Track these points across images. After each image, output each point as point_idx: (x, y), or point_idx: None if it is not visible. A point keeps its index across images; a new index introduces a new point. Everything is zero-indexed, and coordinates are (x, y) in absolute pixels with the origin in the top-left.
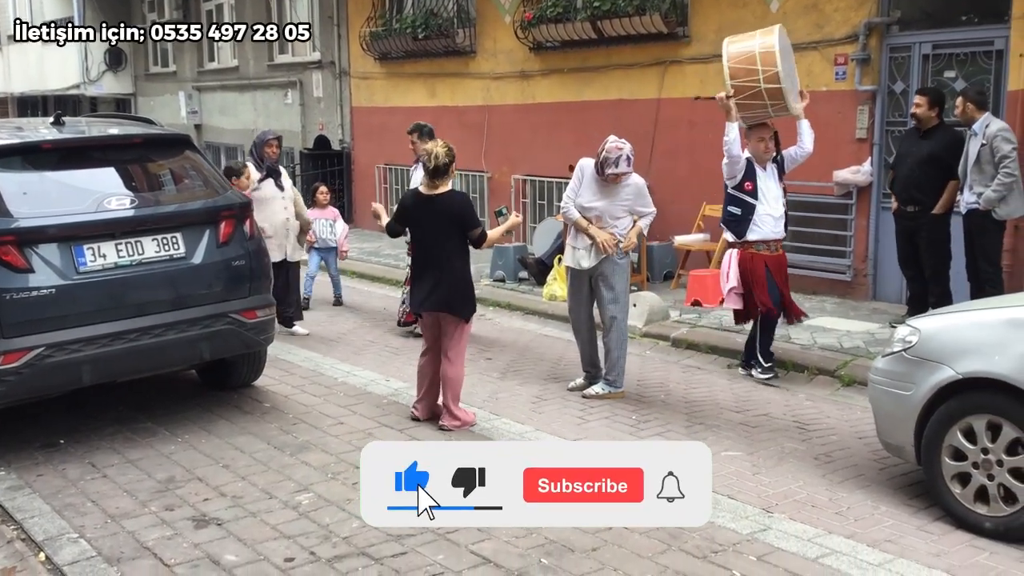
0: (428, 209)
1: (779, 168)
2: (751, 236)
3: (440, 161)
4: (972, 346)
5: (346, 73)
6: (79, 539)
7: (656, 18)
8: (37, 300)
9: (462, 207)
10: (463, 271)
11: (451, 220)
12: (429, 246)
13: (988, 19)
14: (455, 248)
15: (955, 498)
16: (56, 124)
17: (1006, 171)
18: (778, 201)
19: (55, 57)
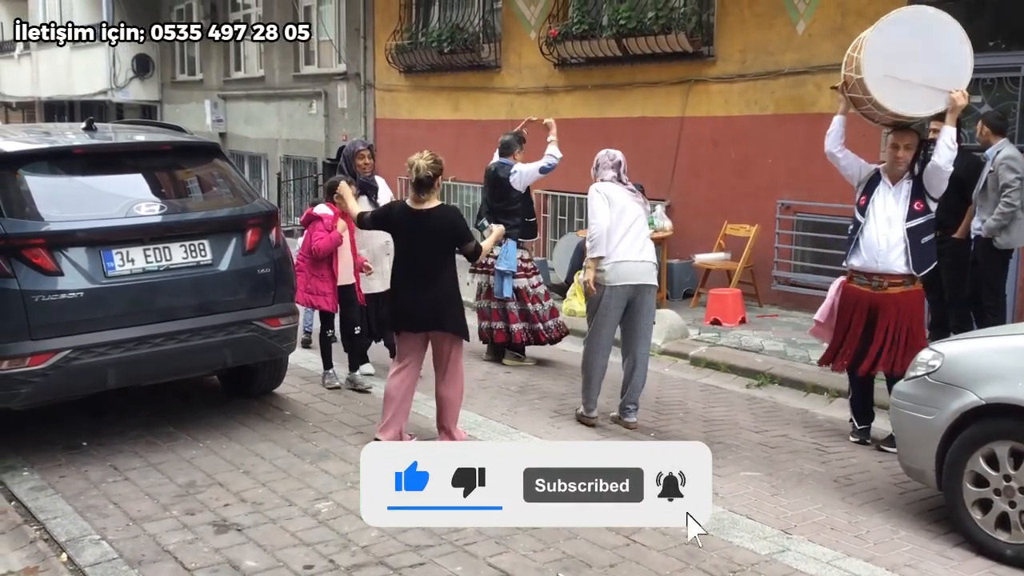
0: (418, 224)
1: (916, 186)
2: (851, 262)
3: (422, 174)
4: (996, 372)
5: (371, 85)
6: (101, 541)
7: (682, 37)
8: (65, 303)
9: (456, 222)
10: (455, 288)
11: (445, 236)
12: (418, 261)
13: (1015, 45)
14: (446, 264)
15: (976, 524)
16: (88, 129)
17: (1006, 200)
18: (893, 225)
19: (83, 63)
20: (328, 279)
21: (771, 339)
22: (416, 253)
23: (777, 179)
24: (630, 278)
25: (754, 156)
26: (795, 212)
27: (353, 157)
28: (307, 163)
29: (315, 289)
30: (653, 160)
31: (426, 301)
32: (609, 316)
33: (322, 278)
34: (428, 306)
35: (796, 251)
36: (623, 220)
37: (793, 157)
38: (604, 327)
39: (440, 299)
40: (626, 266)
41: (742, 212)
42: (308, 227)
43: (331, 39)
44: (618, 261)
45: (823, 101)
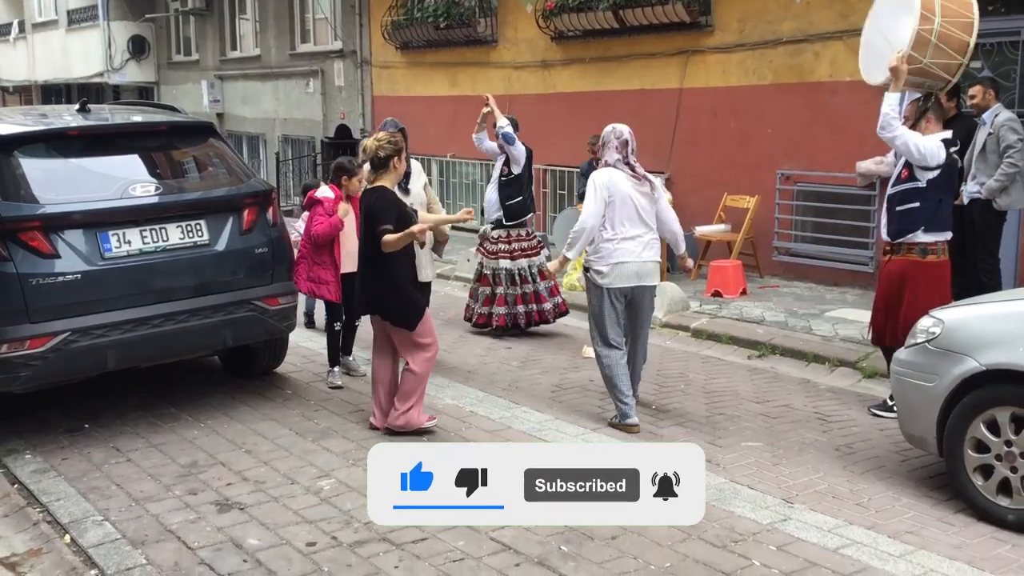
0: (362, 204)
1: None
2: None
3: (375, 155)
4: (996, 338)
5: (367, 62)
6: (104, 522)
7: (679, 7)
8: (63, 285)
9: (370, 205)
10: (392, 273)
11: (367, 216)
12: (360, 243)
13: (1014, 9)
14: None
15: (977, 490)
16: (82, 111)
17: (1009, 161)
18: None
19: (79, 45)
20: (330, 266)
21: (772, 310)
22: (361, 234)
23: (777, 149)
24: (629, 280)
25: (753, 126)
26: (795, 182)
27: None
28: (305, 142)
29: (317, 277)
30: (652, 132)
31: (364, 284)
32: (610, 317)
33: (324, 265)
34: (366, 290)
35: (796, 221)
36: (622, 214)
37: (793, 127)
38: (608, 328)
39: (375, 284)
40: (625, 267)
41: (742, 183)
42: (310, 211)
43: (327, 16)
44: (617, 262)
45: (822, 69)
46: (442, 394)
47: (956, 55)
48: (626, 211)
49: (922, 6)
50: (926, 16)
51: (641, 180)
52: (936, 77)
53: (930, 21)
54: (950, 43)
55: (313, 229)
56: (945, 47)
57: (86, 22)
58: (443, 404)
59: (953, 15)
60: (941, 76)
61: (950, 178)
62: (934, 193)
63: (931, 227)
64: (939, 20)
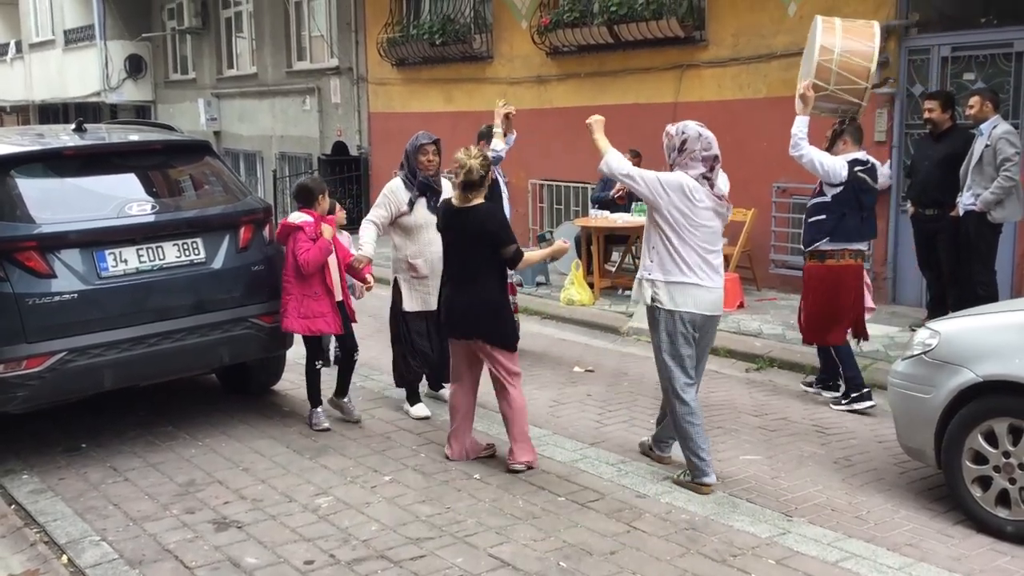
0: (458, 222)
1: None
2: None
3: (475, 176)
4: (993, 349)
5: (364, 79)
6: (101, 542)
7: (673, 22)
8: (59, 305)
9: (487, 222)
10: (495, 293)
11: (480, 237)
12: (456, 263)
13: (1007, 20)
14: (486, 266)
15: (976, 502)
16: (78, 131)
17: (1006, 174)
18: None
19: (76, 65)
20: (323, 296)
21: (769, 323)
22: (454, 254)
23: (772, 162)
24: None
25: (748, 140)
26: (791, 195)
27: (416, 153)
28: (302, 159)
29: (310, 311)
30: (647, 147)
31: (463, 306)
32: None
33: (316, 297)
34: (464, 312)
35: (793, 234)
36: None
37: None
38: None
39: (476, 305)
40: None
41: (738, 196)
42: (287, 241)
43: (323, 34)
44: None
45: None
46: (441, 410)
47: (859, 80)
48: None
49: (822, 40)
50: (826, 48)
51: (720, 200)
52: (845, 101)
53: (830, 52)
54: (852, 70)
55: (300, 257)
56: (847, 74)
57: (83, 42)
58: (440, 421)
59: (854, 45)
60: (850, 100)
61: (854, 194)
62: (838, 207)
63: (836, 237)
64: (839, 51)
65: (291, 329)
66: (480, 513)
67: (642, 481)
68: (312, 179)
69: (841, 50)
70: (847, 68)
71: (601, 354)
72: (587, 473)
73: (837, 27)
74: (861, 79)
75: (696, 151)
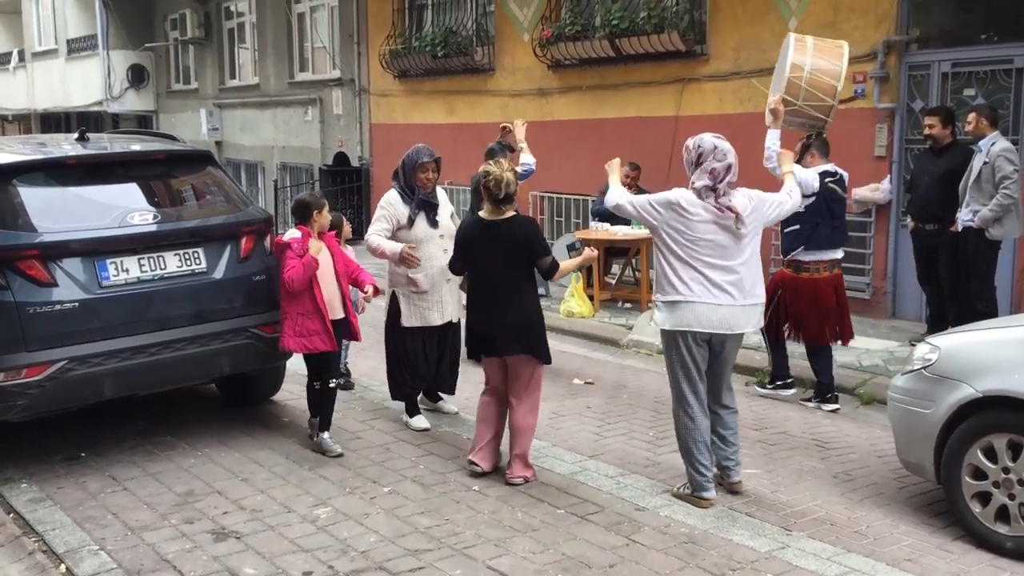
0: (493, 237)
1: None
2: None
3: (512, 189)
4: (992, 364)
5: (365, 91)
6: (99, 551)
7: (674, 36)
8: (60, 314)
9: (532, 234)
10: (536, 306)
11: (520, 248)
12: (494, 278)
13: (1008, 37)
14: (525, 280)
15: (975, 517)
16: (80, 140)
17: (1005, 192)
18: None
19: (78, 74)
20: (315, 314)
21: None
22: (488, 268)
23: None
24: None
25: (749, 153)
26: None
27: (414, 170)
28: (303, 170)
29: (305, 330)
30: (648, 160)
31: (504, 322)
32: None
33: (309, 314)
34: (506, 328)
35: None
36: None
37: None
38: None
39: (519, 320)
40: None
41: None
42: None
43: (325, 45)
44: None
45: None
46: (440, 421)
47: (826, 97)
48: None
49: (793, 57)
50: (797, 66)
51: (724, 211)
52: (812, 117)
53: (800, 70)
54: (820, 87)
55: (285, 274)
56: (815, 91)
57: (86, 51)
58: (440, 432)
59: (823, 63)
60: (817, 116)
61: (826, 204)
62: (811, 217)
63: (810, 246)
64: (809, 68)
65: (288, 348)
66: (479, 525)
67: (641, 494)
68: (311, 194)
69: (811, 68)
70: (815, 85)
71: (601, 366)
72: (586, 485)
73: (808, 45)
74: (828, 96)
75: (709, 162)
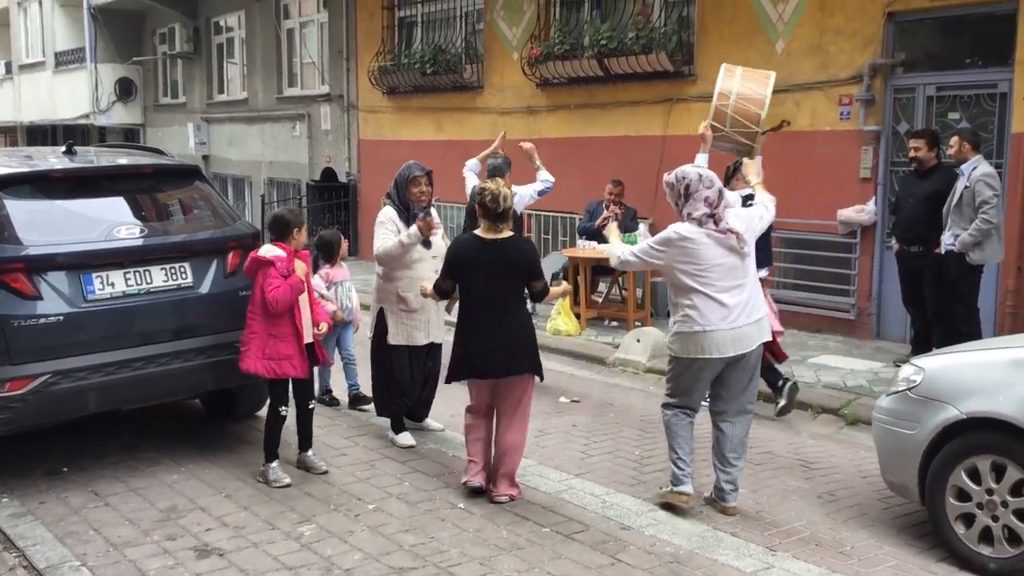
0: (492, 255)
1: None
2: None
3: (510, 203)
4: (976, 386)
5: (354, 106)
6: (81, 567)
7: (662, 56)
8: (45, 327)
9: (532, 255)
10: (530, 324)
11: (518, 269)
12: (490, 297)
13: (992, 62)
14: (518, 300)
15: (959, 539)
16: (68, 153)
17: (984, 217)
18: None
19: (66, 87)
20: (291, 338)
21: None
22: (480, 287)
23: None
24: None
25: None
26: (777, 229)
27: (407, 185)
28: (291, 185)
29: (276, 353)
30: (636, 179)
31: (502, 342)
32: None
33: (283, 337)
34: (504, 348)
35: (779, 268)
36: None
37: (774, 175)
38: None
39: (516, 339)
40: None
41: None
42: (257, 276)
43: (314, 61)
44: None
45: (803, 119)
46: (425, 439)
47: (751, 124)
48: (710, 276)
49: (721, 85)
50: (723, 94)
51: (727, 234)
52: (738, 142)
53: (727, 98)
54: (745, 115)
55: (269, 295)
56: (741, 118)
57: (73, 64)
58: (425, 449)
59: (749, 92)
60: (743, 142)
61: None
62: None
63: None
64: (735, 97)
65: (251, 370)
66: (464, 543)
67: (627, 513)
68: (289, 210)
69: (737, 96)
70: (741, 113)
71: (587, 385)
72: (572, 504)
73: (737, 75)
74: (753, 124)
75: (700, 191)
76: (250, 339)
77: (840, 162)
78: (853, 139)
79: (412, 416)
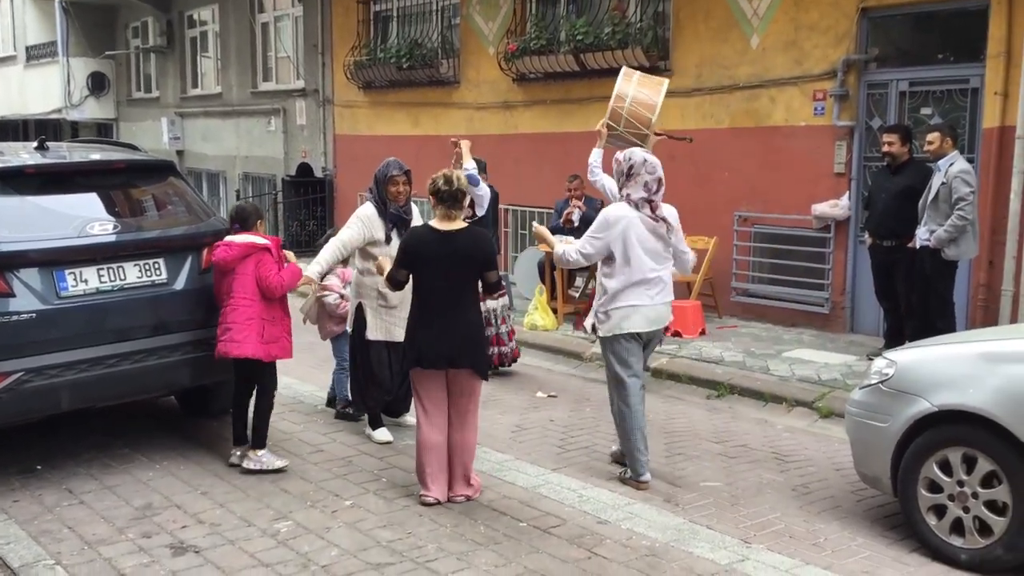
0: (446, 247)
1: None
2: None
3: (463, 184)
4: (948, 379)
5: (330, 101)
6: (55, 566)
7: (638, 52)
8: (17, 324)
9: (488, 246)
10: (479, 320)
11: (475, 261)
12: (443, 290)
13: (964, 57)
14: (471, 293)
15: (931, 530)
16: (40, 148)
17: (960, 213)
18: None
19: (37, 81)
20: (281, 320)
21: (730, 350)
22: (435, 279)
23: (734, 192)
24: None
25: (711, 169)
26: (752, 224)
27: (385, 183)
28: (266, 180)
29: (272, 336)
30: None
31: (454, 335)
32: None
33: (276, 321)
34: (453, 341)
35: (754, 262)
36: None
37: (749, 170)
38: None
39: (466, 332)
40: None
41: (700, 225)
42: (240, 261)
43: (289, 55)
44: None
45: (777, 114)
46: (402, 434)
47: (643, 127)
48: (639, 253)
49: (619, 88)
50: (620, 96)
51: (659, 222)
52: (630, 141)
53: (623, 100)
54: (638, 118)
55: (274, 279)
56: (634, 121)
57: (45, 58)
58: (403, 445)
59: (643, 97)
60: (634, 141)
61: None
62: None
63: None
64: (630, 99)
65: (248, 355)
66: (441, 538)
67: (604, 507)
68: (249, 203)
69: (632, 99)
70: (634, 116)
71: (564, 380)
72: (549, 499)
73: (634, 79)
74: (644, 127)
75: (641, 175)
76: (247, 324)
77: (814, 157)
78: (827, 134)
79: (390, 411)
